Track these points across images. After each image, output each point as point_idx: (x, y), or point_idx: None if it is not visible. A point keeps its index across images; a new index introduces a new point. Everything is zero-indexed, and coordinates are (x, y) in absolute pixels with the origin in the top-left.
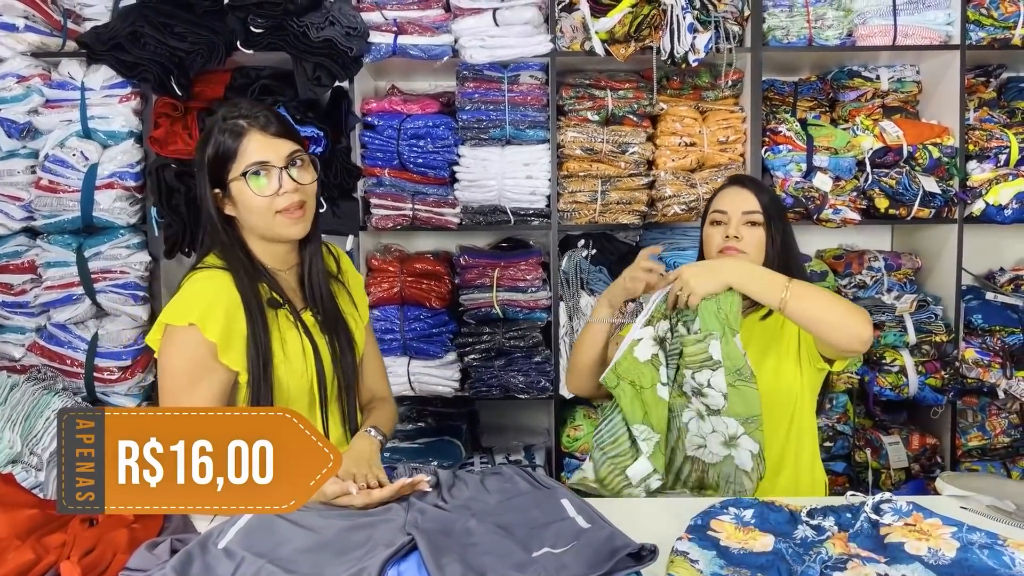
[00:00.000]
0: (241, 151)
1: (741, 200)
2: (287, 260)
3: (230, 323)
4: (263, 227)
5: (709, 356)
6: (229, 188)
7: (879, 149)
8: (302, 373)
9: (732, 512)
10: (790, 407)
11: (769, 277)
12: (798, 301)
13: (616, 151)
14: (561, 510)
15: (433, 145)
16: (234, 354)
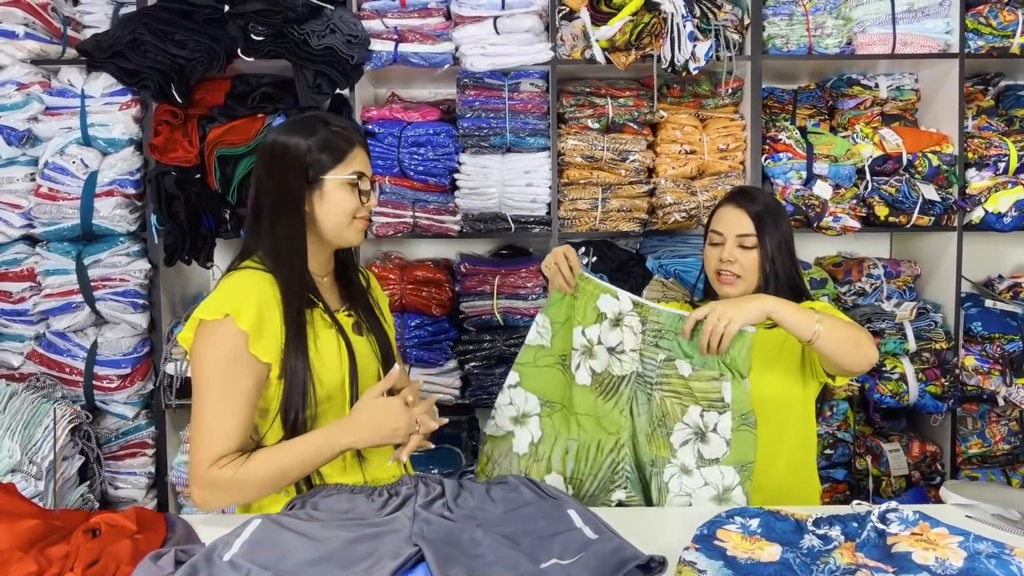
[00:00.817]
0: (350, 158)
1: (735, 221)
2: (326, 267)
3: (263, 316)
4: (335, 228)
5: (721, 398)
6: (322, 185)
7: (879, 157)
8: (335, 370)
9: (738, 521)
10: (792, 417)
11: (802, 313)
12: (828, 337)
13: (616, 159)
14: (568, 521)
15: (434, 152)
16: (265, 346)
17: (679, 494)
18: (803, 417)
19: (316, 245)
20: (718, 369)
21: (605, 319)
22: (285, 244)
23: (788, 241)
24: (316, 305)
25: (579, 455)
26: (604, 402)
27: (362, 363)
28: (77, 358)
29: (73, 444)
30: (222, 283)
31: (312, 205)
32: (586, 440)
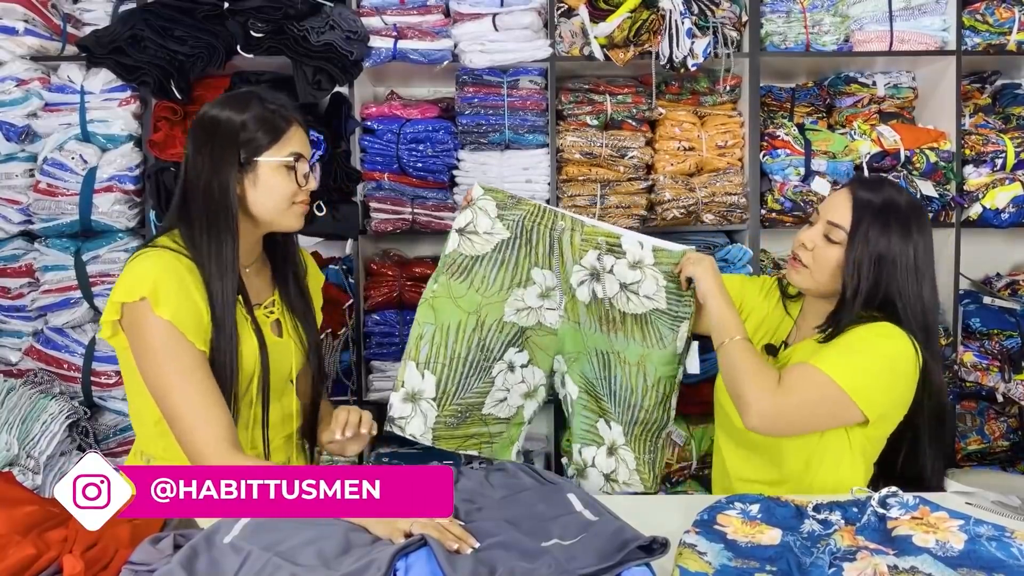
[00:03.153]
0: (284, 139)
1: (836, 205)
2: (253, 254)
3: (182, 303)
4: (272, 213)
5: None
6: (256, 167)
7: (876, 154)
8: (247, 370)
9: (738, 507)
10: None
11: (724, 321)
12: (722, 363)
13: (615, 155)
14: (568, 504)
15: (433, 149)
16: (195, 335)
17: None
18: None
19: (246, 230)
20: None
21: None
22: (213, 231)
23: (898, 257)
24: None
25: (435, 338)
26: (458, 283)
27: (275, 367)
28: (75, 354)
29: (71, 440)
30: (136, 261)
31: (244, 188)
32: (443, 321)
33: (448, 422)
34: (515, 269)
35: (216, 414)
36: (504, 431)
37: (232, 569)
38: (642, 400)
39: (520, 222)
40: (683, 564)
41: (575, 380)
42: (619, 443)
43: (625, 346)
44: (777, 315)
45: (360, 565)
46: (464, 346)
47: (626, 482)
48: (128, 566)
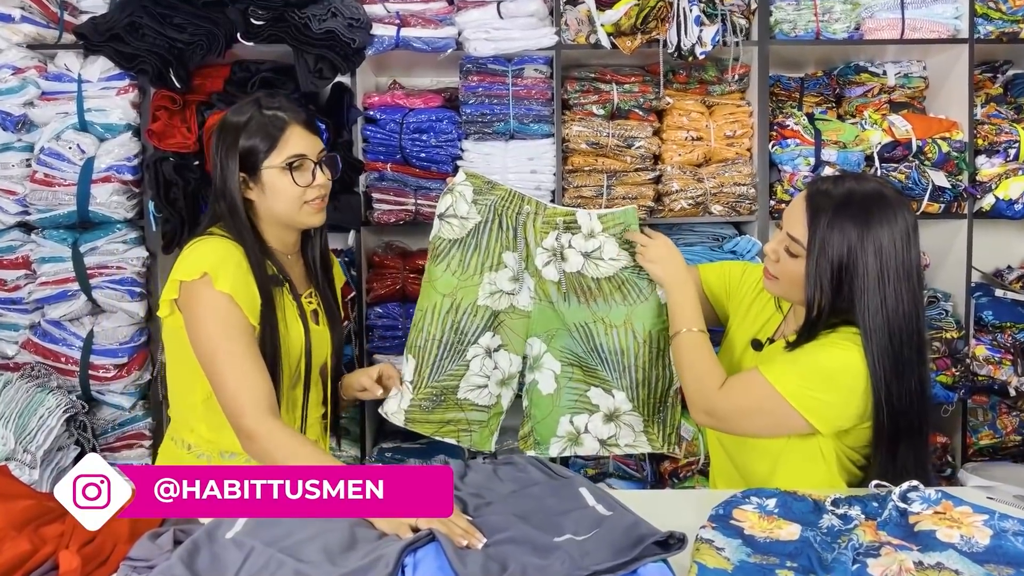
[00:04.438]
0: (283, 142)
1: (793, 217)
2: (292, 245)
3: (238, 280)
4: (287, 215)
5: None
6: (260, 175)
7: (888, 143)
8: (293, 353)
9: (754, 502)
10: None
11: (683, 311)
12: (675, 352)
13: (622, 145)
14: (579, 498)
15: (436, 139)
16: (248, 308)
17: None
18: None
19: (272, 228)
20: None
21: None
22: (236, 229)
23: (858, 259)
24: (283, 284)
25: (418, 322)
26: (435, 266)
27: (314, 351)
28: (73, 347)
29: (68, 434)
30: (194, 246)
31: (255, 195)
32: (423, 305)
33: (423, 405)
34: (487, 253)
35: (259, 380)
36: (484, 420)
37: (234, 566)
38: (635, 359)
39: (492, 206)
40: (701, 560)
41: (556, 356)
42: (624, 410)
43: (608, 310)
44: (767, 309)
45: (367, 562)
46: (439, 328)
47: (629, 444)
48: (127, 562)
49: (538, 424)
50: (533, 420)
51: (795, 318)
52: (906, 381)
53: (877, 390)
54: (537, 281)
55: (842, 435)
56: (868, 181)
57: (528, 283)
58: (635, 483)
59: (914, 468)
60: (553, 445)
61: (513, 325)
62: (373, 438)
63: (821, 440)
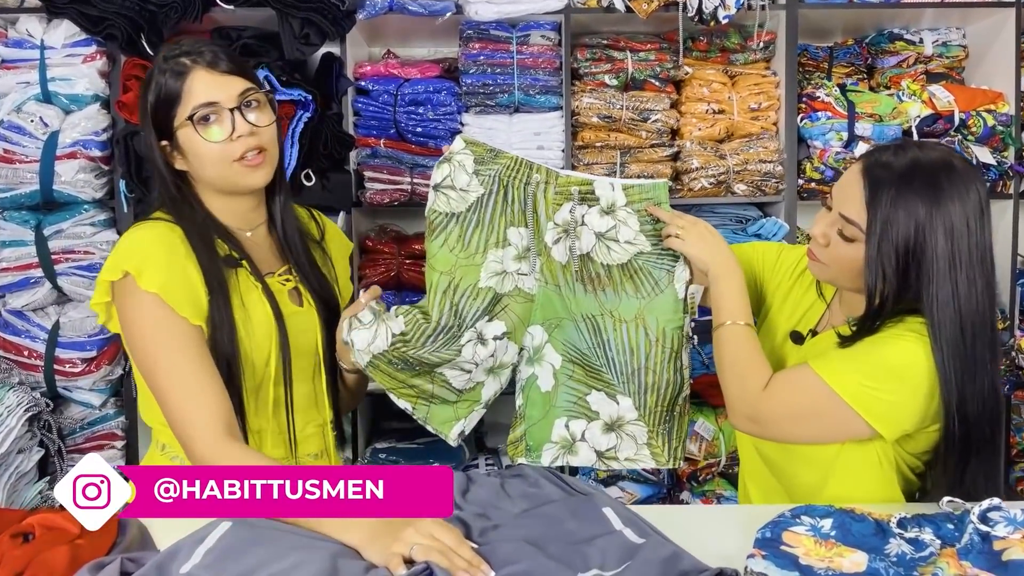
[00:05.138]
0: (185, 93)
1: (847, 194)
2: (251, 219)
3: (174, 273)
4: (219, 179)
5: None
6: (176, 138)
7: (927, 116)
8: (263, 346)
9: (806, 522)
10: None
11: (730, 303)
12: (717, 348)
13: (637, 119)
14: (604, 521)
15: (434, 112)
16: (189, 308)
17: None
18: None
19: (219, 200)
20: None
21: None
22: (175, 201)
23: (927, 241)
24: (239, 264)
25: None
26: (431, 242)
27: (297, 339)
28: (37, 340)
29: (31, 435)
30: (122, 238)
31: (183, 161)
32: (427, 284)
33: (394, 361)
34: (491, 229)
35: (208, 396)
36: (452, 400)
37: None
38: (646, 360)
39: (496, 177)
40: None
41: (557, 348)
42: (628, 419)
43: (617, 303)
44: (808, 297)
45: None
46: (436, 310)
47: (630, 458)
48: None
49: (533, 427)
50: (528, 422)
51: (842, 307)
52: (978, 382)
53: (947, 392)
54: (544, 261)
55: (904, 440)
56: (933, 149)
57: (537, 263)
58: (650, 486)
59: (985, 484)
60: (546, 452)
61: (516, 310)
62: (366, 437)
63: (881, 446)
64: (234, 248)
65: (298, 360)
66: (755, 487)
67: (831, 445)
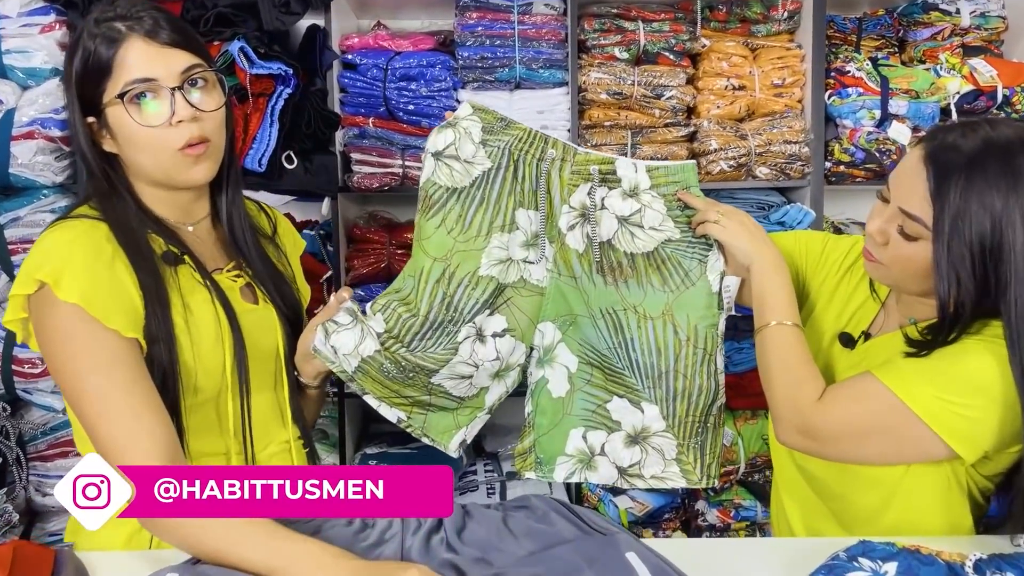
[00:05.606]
0: (117, 65)
1: (908, 185)
2: (193, 212)
3: (99, 278)
4: (153, 169)
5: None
6: (105, 116)
7: (968, 93)
8: (213, 350)
9: (867, 566)
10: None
11: (778, 299)
12: (761, 349)
13: (649, 96)
14: (626, 567)
15: (428, 88)
16: (117, 318)
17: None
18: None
19: (154, 191)
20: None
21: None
22: (102, 191)
23: (1005, 233)
24: (180, 260)
25: (394, 286)
26: (427, 220)
27: (254, 340)
28: None
29: None
30: (37, 241)
31: (113, 143)
32: (412, 270)
33: (385, 368)
34: (497, 209)
35: (147, 426)
36: (451, 408)
37: None
38: (675, 362)
39: (506, 149)
40: None
41: (572, 349)
42: (654, 430)
43: (641, 296)
44: (859, 294)
45: None
46: (425, 302)
47: (657, 476)
48: None
49: (543, 437)
50: (537, 431)
51: (900, 307)
52: None
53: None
54: (558, 249)
55: (980, 462)
56: (1007, 126)
57: (548, 251)
58: (663, 496)
59: None
60: (560, 467)
61: (522, 304)
62: (355, 442)
63: (953, 467)
64: (174, 243)
65: (257, 365)
66: (795, 506)
67: (896, 466)
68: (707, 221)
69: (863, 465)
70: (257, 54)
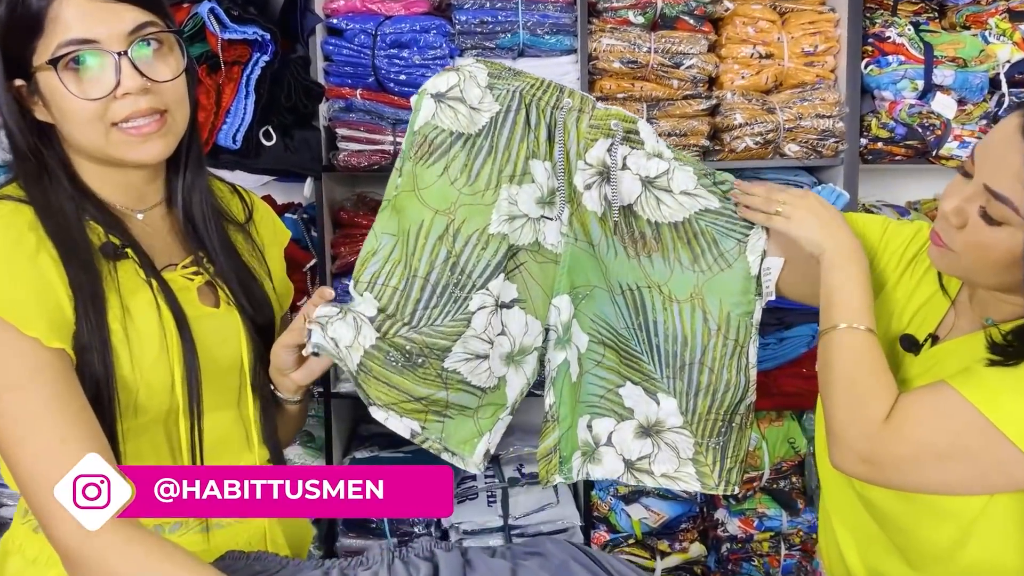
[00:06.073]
0: (50, 21)
1: (998, 159)
2: (144, 195)
3: (17, 276)
4: (91, 145)
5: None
6: (35, 80)
7: (1020, 61)
8: (157, 364)
9: None
10: None
11: (851, 299)
12: (824, 354)
13: (667, 64)
14: None
15: (421, 56)
16: (39, 323)
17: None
18: None
19: (96, 168)
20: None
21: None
22: (30, 169)
23: None
24: (122, 253)
25: (392, 253)
26: (427, 167)
27: (212, 350)
28: None
29: None
30: None
31: (45, 111)
32: (406, 226)
33: (390, 356)
34: (507, 157)
35: (73, 448)
36: (472, 408)
37: None
38: (702, 354)
39: (516, 92)
40: None
41: (584, 326)
42: (670, 424)
43: (667, 274)
44: (924, 289)
45: None
46: (425, 261)
47: (668, 475)
48: None
49: (569, 432)
50: (562, 426)
51: (974, 306)
52: None
53: None
54: (574, 210)
55: None
56: None
57: (564, 211)
58: (680, 504)
59: None
60: (574, 464)
61: (536, 273)
62: (343, 445)
63: None
64: (116, 233)
65: (217, 380)
66: (850, 537)
67: (977, 496)
68: (767, 213)
69: (937, 495)
70: (230, 17)
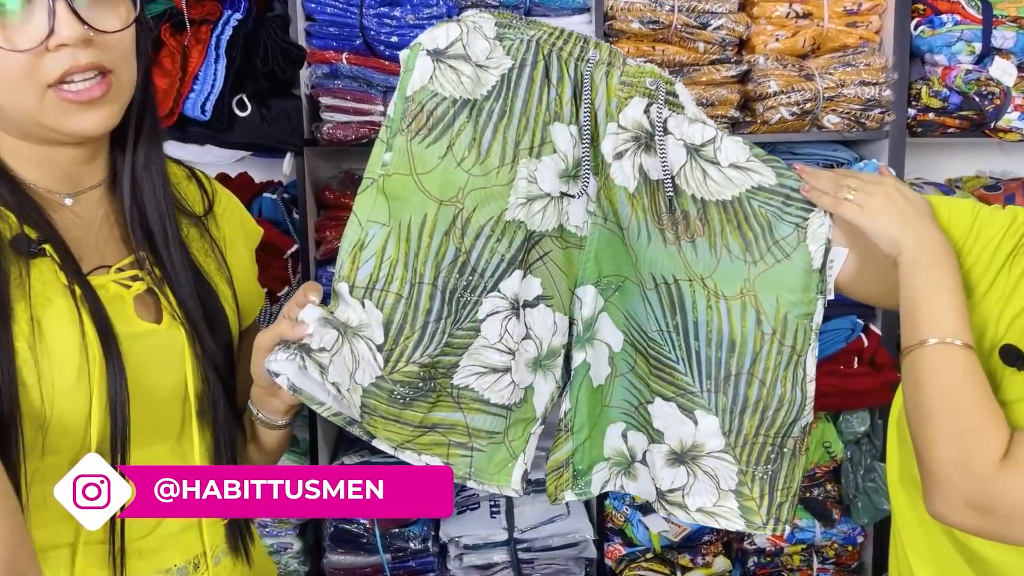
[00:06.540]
0: None
1: None
2: (76, 176)
3: None
4: (18, 111)
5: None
6: None
7: None
8: (74, 391)
9: None
10: None
11: (940, 308)
12: (912, 376)
13: (692, 25)
14: None
15: (415, 15)
16: None
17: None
18: None
19: (22, 138)
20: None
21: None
22: None
23: None
24: (37, 251)
25: (387, 247)
26: (425, 146)
27: (147, 375)
28: None
29: None
30: None
31: None
32: (401, 216)
33: (396, 393)
34: (523, 123)
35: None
36: (500, 430)
37: None
38: (752, 363)
39: (532, 42)
40: None
41: (618, 322)
42: (709, 448)
43: (713, 265)
44: None
45: None
46: (431, 263)
47: (706, 510)
48: None
49: (585, 443)
50: (577, 436)
51: None
52: None
53: None
54: (602, 184)
55: None
56: None
57: (591, 185)
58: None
59: None
60: (596, 475)
61: (560, 260)
62: (331, 449)
63: None
64: (33, 223)
65: (151, 414)
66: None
67: None
68: (837, 198)
69: None
70: None
